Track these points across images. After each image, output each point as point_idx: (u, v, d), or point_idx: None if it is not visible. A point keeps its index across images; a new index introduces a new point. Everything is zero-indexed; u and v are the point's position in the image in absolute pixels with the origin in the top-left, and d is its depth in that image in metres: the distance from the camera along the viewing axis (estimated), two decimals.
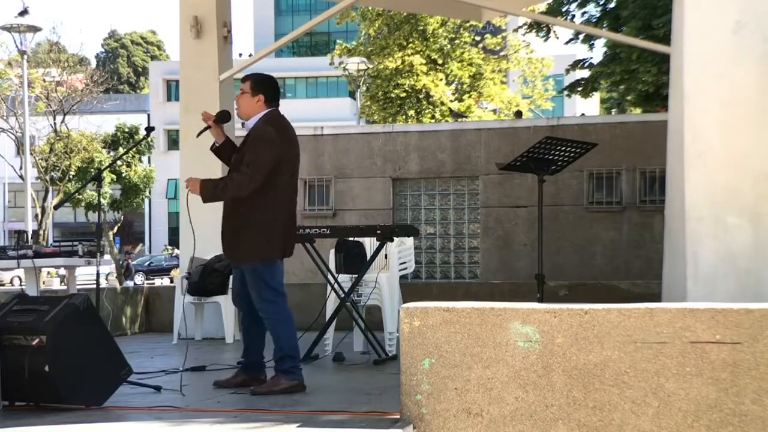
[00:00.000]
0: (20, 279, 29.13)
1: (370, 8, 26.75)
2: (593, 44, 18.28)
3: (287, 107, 6.44)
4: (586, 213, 12.36)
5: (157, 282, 35.83)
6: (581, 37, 18.19)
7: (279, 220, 5.47)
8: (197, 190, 5.48)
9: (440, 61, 28.80)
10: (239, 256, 5.52)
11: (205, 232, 9.33)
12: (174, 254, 41.22)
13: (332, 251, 7.22)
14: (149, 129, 7.71)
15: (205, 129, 5.67)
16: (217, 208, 9.39)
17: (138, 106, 56.93)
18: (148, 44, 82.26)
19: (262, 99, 5.56)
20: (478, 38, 29.50)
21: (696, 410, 3.66)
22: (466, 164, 12.79)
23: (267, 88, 5.61)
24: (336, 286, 7.06)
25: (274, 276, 5.49)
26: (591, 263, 12.18)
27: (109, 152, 33.84)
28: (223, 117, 5.67)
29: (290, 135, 5.58)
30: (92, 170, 30.52)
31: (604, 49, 17.99)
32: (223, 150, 5.74)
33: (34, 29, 26.20)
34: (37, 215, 31.48)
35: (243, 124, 5.74)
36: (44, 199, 32.04)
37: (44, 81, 32.31)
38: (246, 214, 5.43)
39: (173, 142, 51.78)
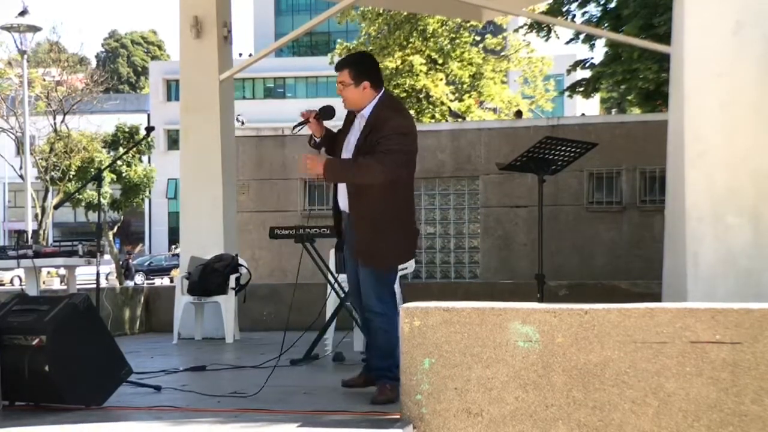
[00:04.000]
0: (20, 279, 29.10)
1: (370, 8, 26.73)
2: (594, 44, 18.25)
3: (287, 107, 6.37)
4: (586, 213, 12.36)
5: (157, 282, 35.82)
6: (582, 37, 18.16)
7: (410, 219, 5.07)
8: (319, 168, 4.84)
9: (440, 61, 28.78)
10: (374, 257, 4.92)
11: (205, 230, 9.41)
12: (173, 254, 41.19)
13: (332, 251, 7.20)
14: (149, 129, 7.74)
15: (301, 124, 5.11)
16: (217, 206, 9.31)
17: (138, 106, 56.93)
18: (149, 44, 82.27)
19: (368, 85, 4.95)
20: (478, 38, 29.48)
21: (696, 410, 3.66)
22: (466, 164, 12.79)
23: (370, 72, 5.01)
24: (336, 286, 7.05)
25: (394, 278, 5.12)
26: (591, 263, 12.18)
27: (109, 152, 33.86)
28: (328, 113, 5.09)
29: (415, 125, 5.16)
30: (92, 170, 30.52)
31: (605, 49, 17.97)
32: (323, 143, 5.14)
33: (34, 29, 26.20)
34: (37, 215, 31.47)
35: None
36: (44, 198, 32.04)
37: (44, 81, 32.32)
38: (380, 207, 4.88)
39: (173, 142, 51.77)
